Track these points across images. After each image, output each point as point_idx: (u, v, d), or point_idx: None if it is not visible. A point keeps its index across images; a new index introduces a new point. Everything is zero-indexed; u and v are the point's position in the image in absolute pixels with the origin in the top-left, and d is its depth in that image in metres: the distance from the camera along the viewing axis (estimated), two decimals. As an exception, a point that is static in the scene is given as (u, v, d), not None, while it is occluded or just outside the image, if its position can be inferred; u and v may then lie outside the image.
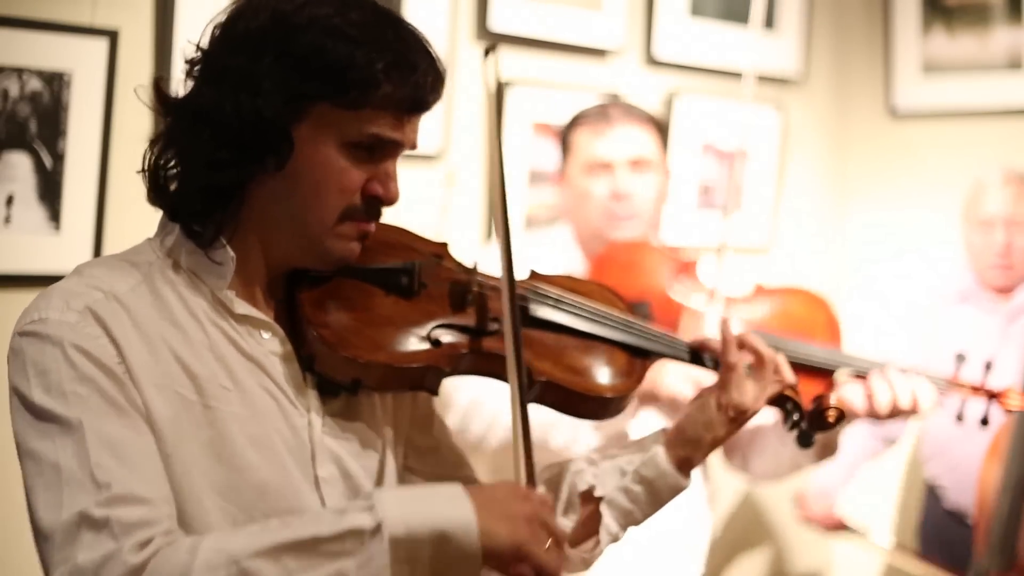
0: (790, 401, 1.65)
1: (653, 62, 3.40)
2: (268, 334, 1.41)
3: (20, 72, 2.21)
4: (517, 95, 3.03)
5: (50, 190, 2.26)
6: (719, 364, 1.64)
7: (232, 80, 1.33)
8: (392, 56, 1.35)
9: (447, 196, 2.83)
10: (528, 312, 1.56)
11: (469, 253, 2.98)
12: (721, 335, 1.64)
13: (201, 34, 1.39)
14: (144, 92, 1.41)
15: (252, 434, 1.36)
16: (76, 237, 2.29)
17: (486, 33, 2.98)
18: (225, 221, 1.38)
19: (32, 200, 2.24)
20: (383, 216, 1.45)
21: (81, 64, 2.27)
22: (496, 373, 1.47)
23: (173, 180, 1.39)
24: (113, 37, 2.30)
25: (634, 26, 3.34)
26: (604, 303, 1.65)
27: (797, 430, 1.65)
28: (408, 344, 1.45)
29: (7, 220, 2.22)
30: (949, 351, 2.47)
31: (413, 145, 1.42)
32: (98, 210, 2.31)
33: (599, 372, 1.57)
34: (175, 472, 1.30)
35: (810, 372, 2.29)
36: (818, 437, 1.68)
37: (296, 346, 1.43)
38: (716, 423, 1.60)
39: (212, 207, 1.37)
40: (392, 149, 1.40)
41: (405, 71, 1.36)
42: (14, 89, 2.20)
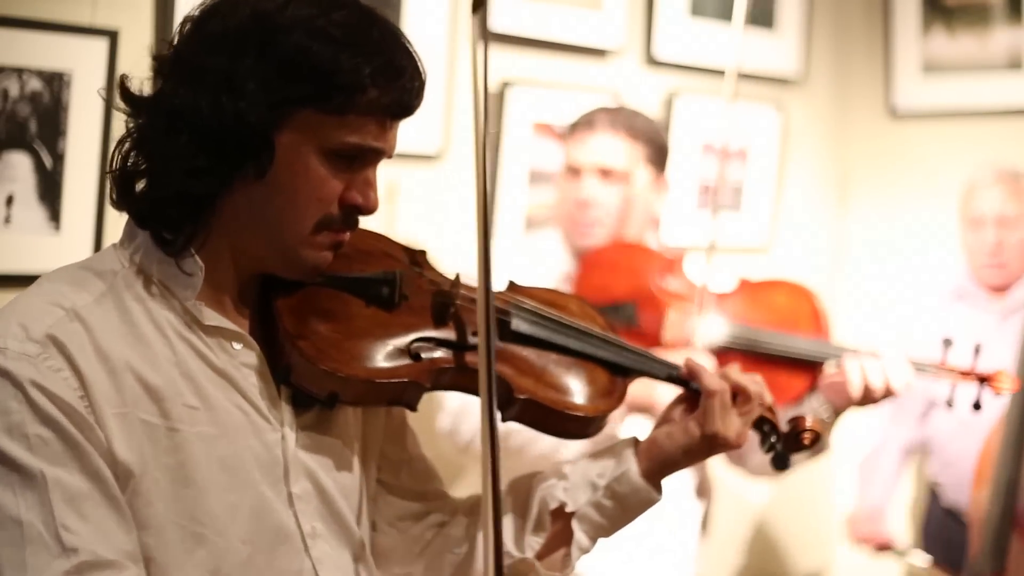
0: (767, 423, 1.62)
1: (653, 62, 3.40)
2: (240, 345, 1.36)
3: (20, 72, 2.21)
4: (517, 95, 3.03)
5: (50, 190, 2.26)
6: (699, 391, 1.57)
7: (211, 81, 1.28)
8: (379, 60, 1.30)
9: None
10: (510, 327, 1.50)
11: (467, 257, 2.99)
12: (687, 366, 1.58)
13: (177, 30, 1.33)
14: (112, 93, 1.36)
15: (221, 455, 1.32)
16: (76, 237, 2.29)
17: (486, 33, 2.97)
18: (197, 229, 1.33)
19: (32, 200, 2.24)
20: (359, 224, 1.40)
21: (81, 64, 2.26)
22: (477, 389, 1.39)
23: (140, 182, 1.33)
24: (113, 37, 2.30)
25: (634, 26, 3.34)
26: (584, 319, 1.60)
27: (773, 452, 1.63)
28: (389, 358, 1.39)
29: (7, 220, 2.21)
30: (948, 349, 2.46)
31: (391, 153, 1.38)
32: (98, 210, 2.30)
33: (581, 391, 1.52)
34: (137, 505, 1.27)
35: (795, 365, 2.28)
36: (794, 458, 1.65)
37: (270, 356, 1.38)
38: (696, 451, 1.55)
39: (185, 214, 1.31)
40: (374, 157, 1.36)
41: (391, 76, 1.31)
42: (14, 89, 2.20)
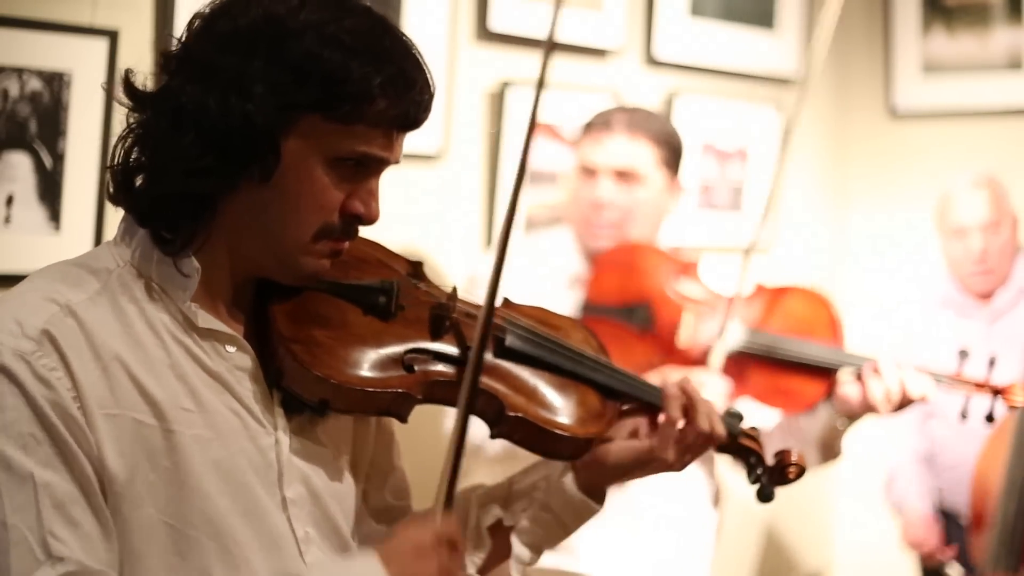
0: (754, 455, 1.63)
1: (653, 62, 3.40)
2: (234, 348, 1.35)
3: (20, 72, 2.21)
4: (517, 95, 3.03)
5: (50, 190, 2.26)
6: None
7: (220, 80, 1.27)
8: (389, 70, 1.29)
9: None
10: (504, 343, 1.49)
11: (467, 258, 2.99)
12: (667, 392, 1.57)
13: (185, 27, 1.32)
14: (112, 88, 1.35)
15: (215, 458, 1.31)
16: (76, 237, 2.29)
17: (486, 33, 2.98)
18: (196, 230, 1.32)
19: (32, 200, 2.24)
20: (359, 234, 1.40)
21: (81, 64, 2.26)
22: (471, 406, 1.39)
23: (138, 178, 1.32)
24: (113, 37, 2.30)
25: (634, 26, 3.34)
26: (578, 340, 1.59)
27: (759, 484, 1.64)
28: (382, 368, 1.38)
29: (7, 220, 2.21)
30: (936, 355, 2.47)
31: (397, 161, 1.37)
32: (98, 210, 2.30)
33: (572, 412, 1.50)
34: (126, 508, 1.26)
35: (811, 372, 2.29)
36: (778, 491, 1.65)
37: (263, 360, 1.37)
38: (638, 471, 1.55)
39: (185, 214, 1.30)
40: (378, 167, 1.35)
41: (401, 87, 1.30)
42: (14, 89, 2.20)
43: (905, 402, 2.21)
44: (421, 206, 2.87)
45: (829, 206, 4.08)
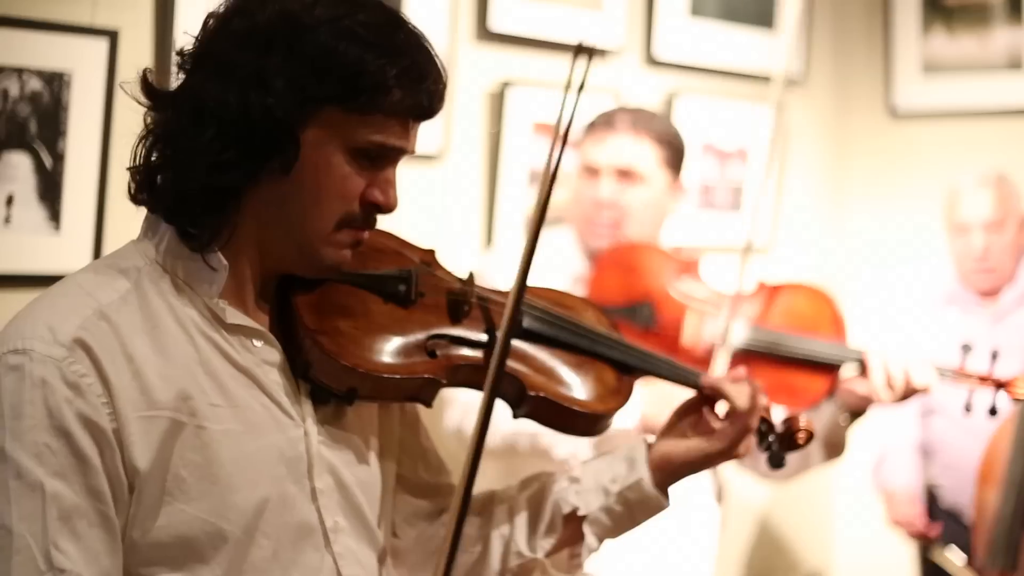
0: (764, 422, 1.65)
1: (653, 62, 3.40)
2: (260, 342, 1.37)
3: (20, 72, 2.21)
4: (517, 95, 3.03)
5: (50, 190, 2.26)
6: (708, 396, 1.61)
7: (240, 76, 1.29)
8: (404, 62, 1.32)
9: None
10: (521, 324, 1.53)
11: (467, 257, 2.99)
12: (710, 386, 1.60)
13: (201, 26, 1.35)
14: (132, 87, 1.35)
15: (246, 451, 1.33)
16: (76, 237, 2.29)
17: (486, 33, 2.98)
18: (221, 225, 1.34)
19: (32, 200, 2.24)
20: (378, 223, 1.42)
21: (81, 64, 2.26)
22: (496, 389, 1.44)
23: (160, 176, 1.34)
24: (113, 37, 2.30)
25: (634, 26, 3.34)
26: (591, 319, 1.63)
27: (769, 451, 1.66)
28: (406, 355, 1.42)
29: (7, 220, 2.21)
30: (940, 351, 2.47)
31: (413, 151, 1.41)
32: (98, 210, 2.30)
33: (590, 388, 1.55)
34: (158, 505, 1.28)
35: (815, 368, 2.29)
36: (789, 457, 1.68)
37: (288, 353, 1.39)
38: (707, 464, 1.60)
39: (210, 209, 1.32)
40: (395, 156, 1.38)
41: (416, 78, 1.33)
42: (14, 89, 2.20)
43: (909, 391, 2.23)
44: (421, 206, 2.87)
45: (829, 206, 4.09)
